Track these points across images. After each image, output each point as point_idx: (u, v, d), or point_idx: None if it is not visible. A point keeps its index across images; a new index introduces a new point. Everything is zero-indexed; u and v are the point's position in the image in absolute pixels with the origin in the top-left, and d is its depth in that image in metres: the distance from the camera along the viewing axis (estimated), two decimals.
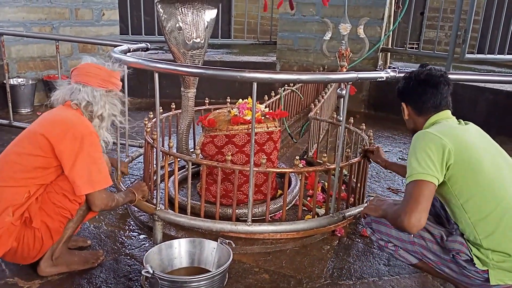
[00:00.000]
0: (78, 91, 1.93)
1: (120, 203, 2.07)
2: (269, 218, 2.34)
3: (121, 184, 2.61)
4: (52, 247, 1.92)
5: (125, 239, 2.34)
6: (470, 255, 1.63)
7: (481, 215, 1.62)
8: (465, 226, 1.67)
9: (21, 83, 4.51)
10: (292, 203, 2.65)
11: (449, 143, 1.64)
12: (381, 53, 5.37)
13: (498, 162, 1.70)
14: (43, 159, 1.81)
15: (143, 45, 3.22)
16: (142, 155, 2.93)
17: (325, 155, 2.37)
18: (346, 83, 2.26)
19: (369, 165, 2.63)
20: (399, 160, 3.78)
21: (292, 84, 4.01)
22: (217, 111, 2.70)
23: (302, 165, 3.12)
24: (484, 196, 1.63)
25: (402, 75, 2.22)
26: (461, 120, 1.84)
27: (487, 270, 1.61)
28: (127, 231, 2.42)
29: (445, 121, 1.81)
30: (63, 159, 1.80)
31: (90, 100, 1.93)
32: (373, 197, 1.98)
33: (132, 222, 2.51)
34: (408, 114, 1.92)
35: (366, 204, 1.98)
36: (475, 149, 1.68)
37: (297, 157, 2.31)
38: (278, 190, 2.73)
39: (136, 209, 2.50)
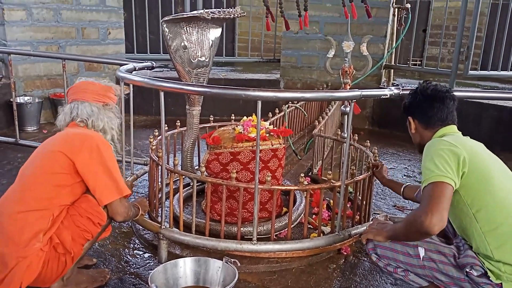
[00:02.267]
0: (77, 108, 1.97)
1: (133, 215, 2.08)
2: (274, 237, 2.33)
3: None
4: None
5: (130, 258, 2.33)
6: (483, 268, 1.62)
7: (493, 225, 1.63)
8: (476, 237, 1.66)
9: (28, 101, 4.55)
10: (298, 221, 2.64)
11: (463, 151, 1.67)
12: (384, 70, 5.40)
13: (506, 176, 1.74)
14: (63, 176, 1.81)
15: (148, 63, 3.25)
16: (147, 173, 2.93)
17: (330, 172, 2.37)
18: (350, 101, 2.27)
19: (374, 182, 2.62)
20: (404, 177, 3.77)
21: (296, 101, 4.03)
22: (222, 128, 2.71)
23: (307, 182, 3.12)
24: (496, 206, 1.64)
25: (406, 92, 2.24)
26: (467, 136, 1.86)
27: (501, 283, 1.59)
28: (132, 250, 2.41)
29: (452, 134, 1.84)
30: (85, 171, 1.81)
31: (90, 115, 1.97)
32: (371, 221, 1.97)
33: (136, 241, 2.50)
34: (415, 128, 1.94)
35: (367, 228, 1.93)
36: (486, 161, 1.73)
37: (302, 174, 2.30)
38: (283, 208, 2.72)
39: (140, 227, 2.49)
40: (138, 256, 2.36)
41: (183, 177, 2.36)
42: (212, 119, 3.20)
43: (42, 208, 1.78)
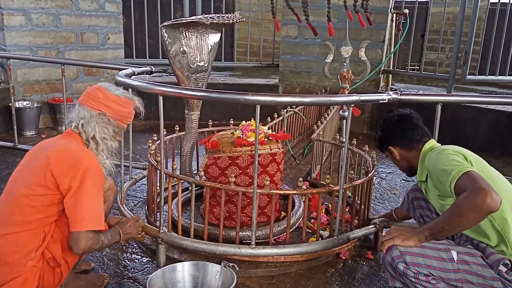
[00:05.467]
0: (74, 110, 1.90)
1: (105, 245, 1.89)
2: (272, 241, 2.32)
3: (124, 206, 2.61)
4: None
5: (128, 262, 2.33)
6: (511, 262, 1.66)
7: (507, 223, 1.67)
8: (495, 234, 1.70)
9: (27, 106, 4.55)
10: (296, 225, 2.64)
11: (467, 154, 1.75)
12: (382, 75, 5.41)
13: (500, 175, 1.82)
14: (52, 196, 1.75)
15: (147, 68, 3.26)
16: (146, 177, 2.94)
17: (329, 176, 2.38)
18: (348, 105, 2.28)
19: (373, 187, 2.63)
20: (402, 181, 3.77)
21: (294, 106, 4.04)
22: (221, 133, 2.71)
23: (306, 186, 3.12)
24: (508, 202, 1.69)
25: (404, 97, 2.26)
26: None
27: None
28: (130, 254, 2.41)
29: (439, 146, 1.92)
30: (65, 194, 1.74)
31: (81, 118, 1.87)
32: (388, 229, 1.95)
33: (135, 245, 2.50)
34: (398, 155, 2.02)
35: (387, 236, 1.77)
36: (484, 163, 1.80)
37: (301, 179, 2.31)
38: (282, 212, 2.72)
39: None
40: (136, 260, 2.35)
41: (182, 181, 2.36)
42: (211, 123, 3.21)
43: (34, 228, 1.75)
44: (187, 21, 2.50)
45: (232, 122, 3.16)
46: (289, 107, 3.97)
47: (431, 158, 1.82)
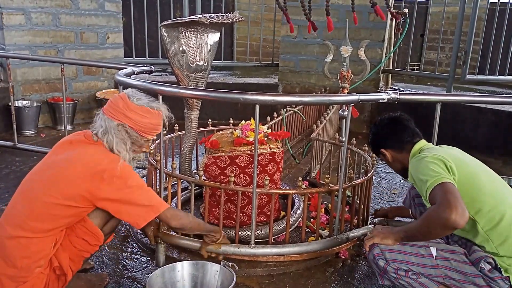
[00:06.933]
0: (98, 119, 1.84)
1: (202, 227, 2.07)
2: (272, 240, 2.33)
3: None
4: None
5: (128, 262, 2.33)
6: (495, 261, 1.67)
7: (493, 223, 1.69)
8: (480, 237, 1.71)
9: (26, 105, 4.55)
10: (296, 224, 2.64)
11: (448, 160, 1.75)
12: (382, 75, 5.41)
13: (489, 173, 1.83)
14: (76, 209, 1.73)
15: (147, 68, 3.26)
16: (145, 177, 2.94)
17: (328, 176, 2.38)
18: (348, 105, 2.28)
19: (372, 187, 2.63)
20: (401, 181, 3.77)
21: (294, 105, 4.04)
22: (220, 132, 2.71)
23: (305, 186, 3.12)
24: (491, 204, 1.70)
25: (403, 96, 2.26)
26: (442, 145, 1.97)
27: (508, 276, 1.66)
28: (130, 254, 2.41)
29: (428, 147, 1.94)
30: (111, 205, 1.73)
31: (100, 129, 1.81)
32: (372, 229, 1.98)
33: (134, 244, 2.50)
34: (391, 157, 2.06)
35: (369, 235, 1.88)
36: (469, 164, 1.82)
37: (300, 178, 2.31)
38: (281, 212, 2.72)
39: (138, 231, 2.49)
40: (136, 260, 2.35)
41: (181, 180, 2.36)
42: (210, 123, 3.21)
43: (47, 235, 1.74)
44: (186, 20, 2.50)
45: (232, 121, 3.16)
46: (288, 106, 3.97)
47: (412, 165, 1.86)
